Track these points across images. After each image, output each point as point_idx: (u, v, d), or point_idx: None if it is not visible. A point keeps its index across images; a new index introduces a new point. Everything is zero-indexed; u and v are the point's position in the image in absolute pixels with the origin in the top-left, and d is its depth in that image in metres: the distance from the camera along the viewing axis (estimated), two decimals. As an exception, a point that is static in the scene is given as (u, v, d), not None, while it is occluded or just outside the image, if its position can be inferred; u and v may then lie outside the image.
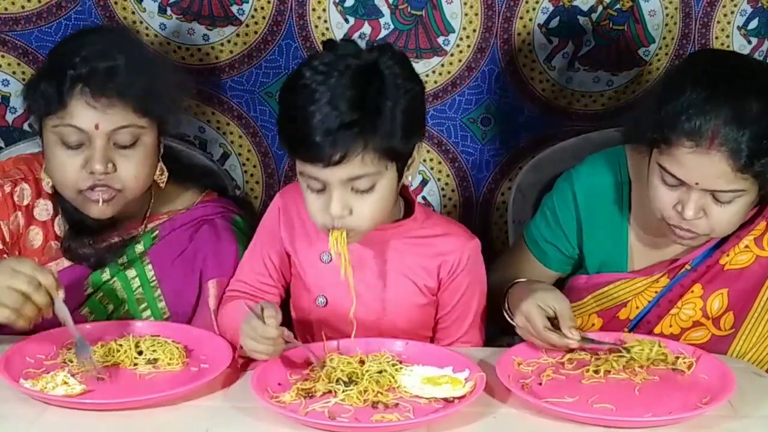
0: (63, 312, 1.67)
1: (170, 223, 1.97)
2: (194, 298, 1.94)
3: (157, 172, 1.91)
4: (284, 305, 1.88)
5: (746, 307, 1.88)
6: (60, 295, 1.66)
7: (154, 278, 1.93)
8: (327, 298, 1.83)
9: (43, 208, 1.93)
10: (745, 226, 1.85)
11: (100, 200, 1.81)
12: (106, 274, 1.92)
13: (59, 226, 1.93)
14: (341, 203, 1.65)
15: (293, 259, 1.86)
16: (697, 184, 1.71)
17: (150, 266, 1.93)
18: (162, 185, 1.93)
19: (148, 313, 1.93)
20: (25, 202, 1.91)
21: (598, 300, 1.96)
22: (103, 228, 1.90)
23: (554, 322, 1.72)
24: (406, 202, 1.84)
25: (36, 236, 1.92)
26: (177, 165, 1.99)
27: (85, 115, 1.76)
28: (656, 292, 1.91)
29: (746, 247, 1.86)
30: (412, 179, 1.77)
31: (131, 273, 1.93)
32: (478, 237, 1.86)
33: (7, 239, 1.89)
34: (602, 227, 1.95)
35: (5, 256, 1.88)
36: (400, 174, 1.71)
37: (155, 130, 1.86)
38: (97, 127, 1.76)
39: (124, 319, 1.90)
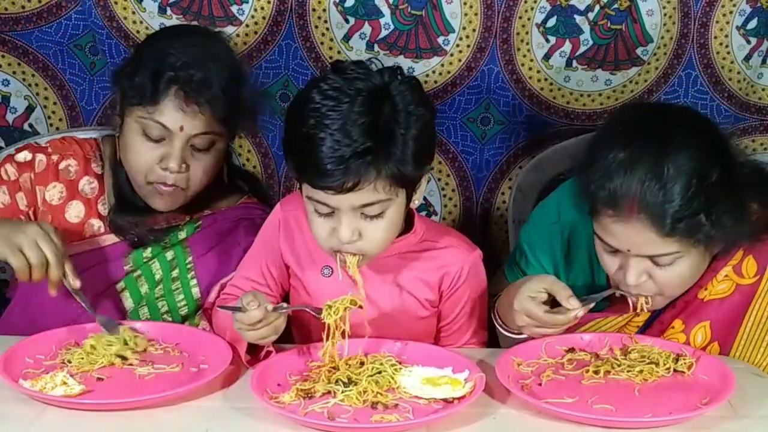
0: (80, 296, 1.79)
1: (213, 216, 2.04)
2: None
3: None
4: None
5: (730, 338, 1.82)
6: (75, 285, 1.76)
7: (190, 262, 1.99)
8: None
9: (89, 186, 1.99)
10: (721, 258, 1.78)
11: (166, 195, 1.90)
12: (147, 253, 1.98)
13: (103, 206, 1.99)
14: (350, 229, 1.64)
15: (293, 271, 1.86)
16: (629, 250, 1.66)
17: (189, 249, 1.99)
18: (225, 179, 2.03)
19: (181, 296, 1.98)
20: (70, 177, 1.98)
21: None
22: (152, 211, 1.97)
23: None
24: (406, 214, 1.80)
25: (77, 211, 1.98)
26: (228, 167, 2.07)
27: (174, 116, 1.83)
28: (638, 326, 1.85)
29: (726, 276, 1.80)
30: (418, 203, 1.76)
31: (170, 255, 1.98)
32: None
33: (39, 205, 1.96)
34: (579, 259, 1.92)
35: (28, 218, 1.94)
36: (409, 199, 1.70)
37: (228, 137, 1.94)
38: (181, 129, 1.84)
39: (157, 299, 1.97)
